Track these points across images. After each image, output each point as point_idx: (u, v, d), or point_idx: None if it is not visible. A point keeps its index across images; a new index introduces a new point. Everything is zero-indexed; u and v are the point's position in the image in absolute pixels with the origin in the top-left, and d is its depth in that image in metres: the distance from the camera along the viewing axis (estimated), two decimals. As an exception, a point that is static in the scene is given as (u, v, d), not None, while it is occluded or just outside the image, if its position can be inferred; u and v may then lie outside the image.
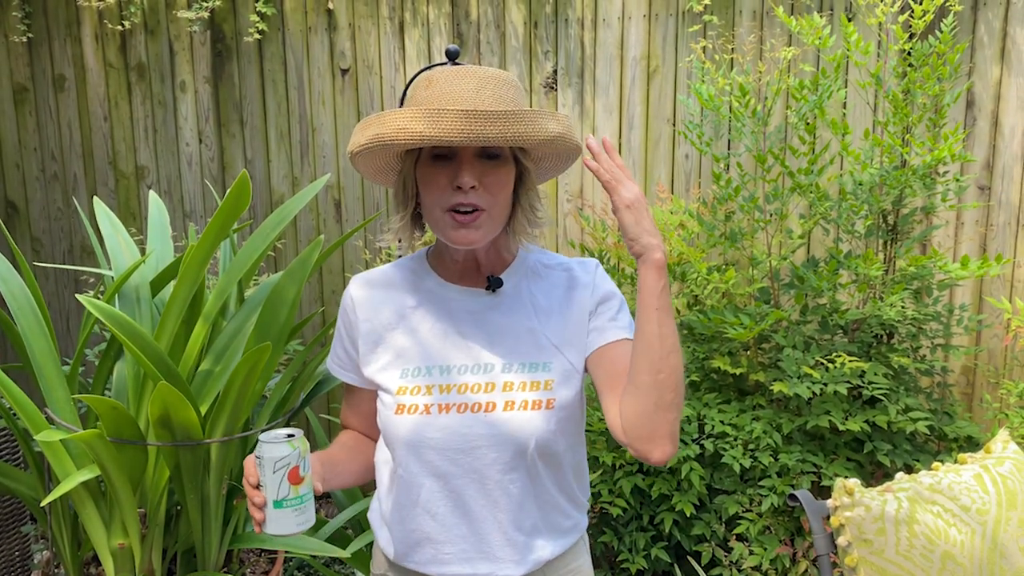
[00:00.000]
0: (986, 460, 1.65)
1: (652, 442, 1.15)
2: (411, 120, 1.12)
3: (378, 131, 1.15)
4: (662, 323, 1.13)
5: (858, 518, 1.52)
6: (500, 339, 1.26)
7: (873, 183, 2.44)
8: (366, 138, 1.17)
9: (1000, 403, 2.78)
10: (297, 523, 1.10)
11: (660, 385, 1.13)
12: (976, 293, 2.89)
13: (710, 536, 2.53)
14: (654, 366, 1.13)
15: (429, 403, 1.23)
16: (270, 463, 1.08)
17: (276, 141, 3.46)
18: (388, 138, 1.14)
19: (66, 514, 2.11)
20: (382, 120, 1.15)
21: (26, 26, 3.58)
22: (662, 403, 1.13)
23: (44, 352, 2.03)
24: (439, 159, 1.19)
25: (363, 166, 1.26)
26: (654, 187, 3.10)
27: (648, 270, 1.13)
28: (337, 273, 3.49)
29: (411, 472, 1.24)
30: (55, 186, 3.70)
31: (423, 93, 1.19)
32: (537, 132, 1.14)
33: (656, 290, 1.13)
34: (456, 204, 1.18)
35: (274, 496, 1.09)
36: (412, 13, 3.24)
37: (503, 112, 1.12)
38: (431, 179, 1.20)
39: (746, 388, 2.68)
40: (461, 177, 1.16)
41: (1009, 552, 1.54)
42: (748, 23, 2.94)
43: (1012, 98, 2.76)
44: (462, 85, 1.17)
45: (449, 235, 1.20)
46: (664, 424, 1.14)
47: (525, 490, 1.24)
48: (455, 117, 1.10)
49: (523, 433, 1.21)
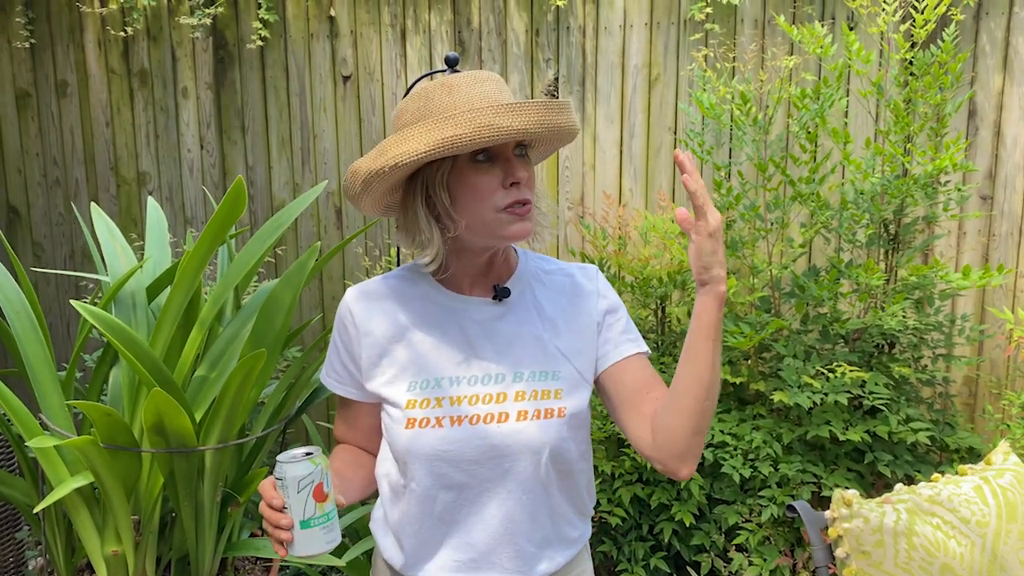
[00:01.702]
0: (986, 472, 1.63)
1: (684, 460, 1.20)
2: (493, 116, 1.10)
3: (456, 132, 1.10)
4: (715, 353, 1.15)
5: (856, 529, 1.50)
6: (508, 349, 1.25)
7: (874, 192, 2.43)
8: (436, 140, 1.11)
9: (1002, 414, 2.76)
10: (326, 541, 1.08)
11: (704, 411, 1.17)
12: (978, 303, 2.87)
13: (709, 546, 2.51)
14: (701, 394, 1.16)
15: (440, 416, 1.21)
16: (294, 483, 1.06)
17: (277, 148, 3.46)
18: (467, 137, 1.10)
19: (60, 521, 2.10)
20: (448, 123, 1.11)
21: (29, 32, 3.59)
22: (701, 427, 1.18)
23: (39, 357, 2.03)
24: (480, 163, 1.17)
25: (370, 196, 1.21)
26: (655, 195, 3.09)
27: (711, 300, 1.13)
28: (337, 279, 3.48)
29: (424, 485, 1.22)
30: (57, 191, 3.71)
31: (447, 99, 1.17)
32: (574, 123, 1.20)
33: (714, 321, 1.13)
34: (514, 201, 1.18)
35: (300, 516, 1.06)
36: (414, 20, 3.24)
37: (559, 102, 1.15)
38: (476, 183, 1.17)
39: (746, 397, 2.66)
40: (516, 172, 1.18)
41: (1009, 565, 1.52)
42: (750, 32, 2.94)
43: (1015, 108, 2.75)
44: (486, 87, 1.18)
45: (508, 232, 1.19)
46: (699, 445, 1.20)
47: (538, 501, 1.24)
48: (536, 108, 1.13)
49: (536, 443, 1.21)
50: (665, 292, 2.65)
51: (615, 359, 1.28)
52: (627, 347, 1.29)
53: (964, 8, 2.72)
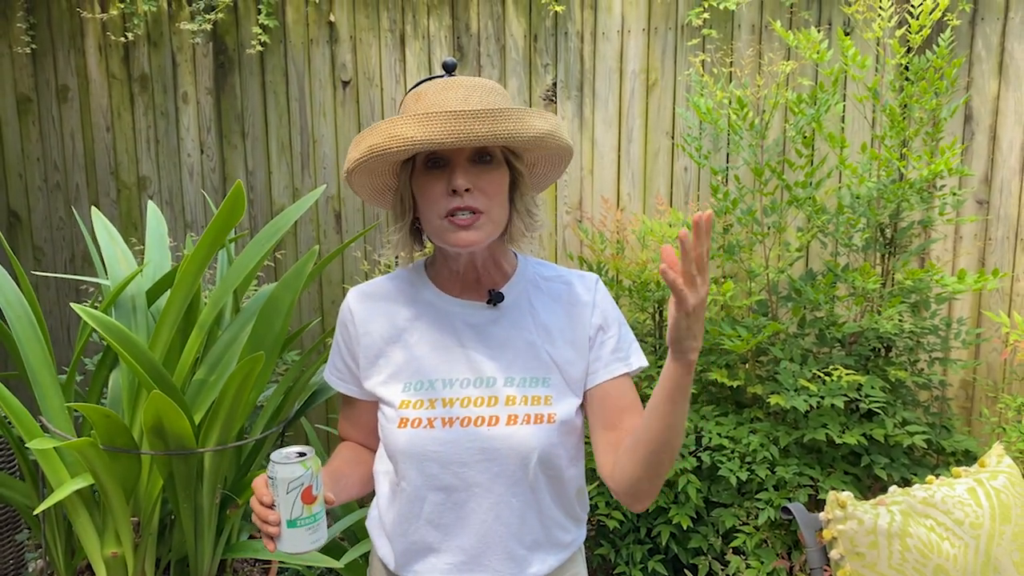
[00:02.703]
0: (980, 474, 1.64)
1: (637, 499, 1.22)
2: (401, 127, 1.13)
3: (370, 143, 1.16)
4: (675, 415, 1.12)
5: (851, 531, 1.51)
6: (501, 353, 1.26)
7: (871, 196, 2.44)
8: (360, 152, 1.17)
9: (998, 417, 2.77)
10: (311, 541, 1.11)
11: (660, 463, 1.16)
12: (975, 307, 2.88)
13: (707, 549, 2.52)
14: (657, 448, 1.15)
15: (432, 417, 1.23)
16: (283, 484, 1.08)
17: (277, 152, 3.47)
18: (380, 147, 1.14)
19: (60, 523, 2.11)
20: (373, 132, 1.16)
21: (30, 37, 3.61)
22: (657, 475, 1.18)
23: (39, 360, 2.04)
24: (433, 168, 1.20)
25: (360, 187, 1.26)
26: (653, 199, 3.10)
27: (679, 368, 1.09)
28: (336, 283, 3.49)
29: (414, 485, 1.24)
30: (57, 196, 3.72)
31: (413, 107, 1.21)
32: (525, 129, 1.14)
33: (680, 386, 1.10)
34: (453, 208, 1.18)
35: (287, 516, 1.09)
36: (413, 26, 3.26)
37: (490, 111, 1.12)
38: (427, 188, 1.20)
39: (743, 400, 2.67)
40: (455, 180, 1.17)
41: (1002, 566, 1.53)
42: (746, 37, 2.95)
43: (1010, 112, 2.76)
44: (450, 95, 1.18)
45: (449, 239, 1.20)
46: (652, 490, 1.20)
47: (527, 504, 1.25)
48: (444, 118, 1.11)
49: (525, 447, 1.22)
50: (663, 296, 2.66)
51: (602, 379, 1.28)
52: (616, 367, 1.28)
53: (960, 13, 2.73)
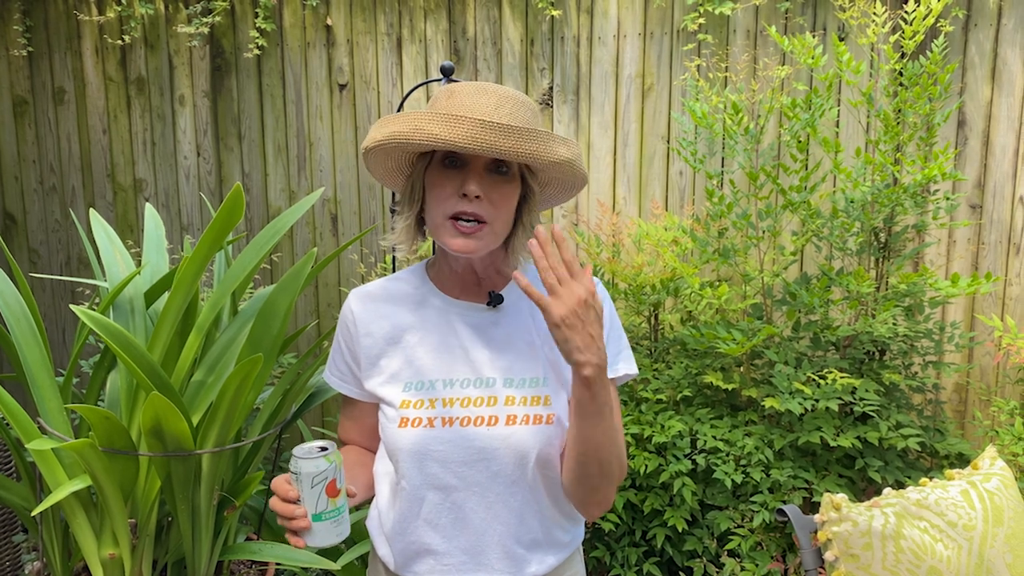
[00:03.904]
0: (973, 476, 1.66)
1: (586, 508, 1.26)
2: (428, 122, 1.14)
3: (395, 128, 1.17)
4: (587, 429, 1.16)
5: (845, 533, 1.52)
6: (500, 354, 1.28)
7: (865, 201, 2.46)
8: (383, 135, 1.19)
9: (992, 420, 2.79)
10: (336, 533, 1.13)
11: (587, 476, 1.20)
12: (968, 311, 2.90)
13: (702, 552, 2.53)
14: (583, 460, 1.18)
15: (432, 416, 1.24)
16: (308, 478, 1.10)
17: (274, 155, 3.48)
18: (402, 136, 1.16)
19: (57, 524, 2.11)
20: (400, 119, 1.18)
21: (27, 39, 3.61)
22: (591, 486, 1.21)
23: (38, 362, 2.04)
24: (450, 167, 1.21)
25: (375, 165, 1.28)
26: (648, 203, 3.11)
27: (575, 380, 1.13)
28: (333, 286, 3.50)
29: (414, 484, 1.25)
30: (53, 198, 3.72)
31: (444, 103, 1.22)
32: (548, 153, 1.16)
33: (580, 401, 1.14)
34: (459, 212, 1.20)
35: (313, 510, 1.11)
36: (410, 30, 3.27)
37: (518, 128, 1.14)
38: (438, 184, 1.21)
39: (738, 403, 2.68)
40: (468, 185, 1.18)
41: (995, 568, 1.55)
42: (742, 42, 2.97)
43: (1003, 118, 2.78)
44: (483, 100, 1.19)
45: (448, 242, 1.21)
46: (593, 500, 1.23)
47: (526, 504, 1.26)
48: (471, 124, 1.13)
49: (524, 447, 1.23)
50: (658, 299, 2.68)
51: None
52: None
53: (953, 19, 2.76)
